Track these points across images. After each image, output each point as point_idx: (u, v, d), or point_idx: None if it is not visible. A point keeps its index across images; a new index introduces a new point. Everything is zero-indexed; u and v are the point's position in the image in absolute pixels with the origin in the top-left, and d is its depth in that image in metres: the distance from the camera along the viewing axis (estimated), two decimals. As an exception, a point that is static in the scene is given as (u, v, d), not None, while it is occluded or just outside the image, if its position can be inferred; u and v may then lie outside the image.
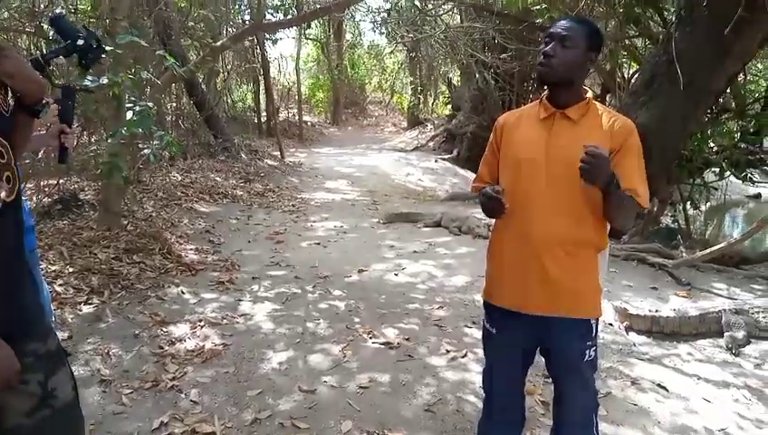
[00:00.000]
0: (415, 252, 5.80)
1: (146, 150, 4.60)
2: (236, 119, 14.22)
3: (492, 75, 12.50)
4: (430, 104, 20.90)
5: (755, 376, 3.42)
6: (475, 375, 3.15)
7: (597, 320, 1.99)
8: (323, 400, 2.97)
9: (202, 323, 3.82)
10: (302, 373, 3.23)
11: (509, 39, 10.28)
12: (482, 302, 2.14)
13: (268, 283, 4.68)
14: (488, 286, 2.10)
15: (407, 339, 3.72)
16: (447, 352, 3.57)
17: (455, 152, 13.86)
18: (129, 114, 4.18)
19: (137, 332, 3.62)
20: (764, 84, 7.78)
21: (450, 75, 17.07)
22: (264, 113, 15.23)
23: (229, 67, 14.68)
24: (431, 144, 15.39)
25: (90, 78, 3.96)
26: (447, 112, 16.91)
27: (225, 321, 3.89)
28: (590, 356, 1.96)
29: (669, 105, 5.62)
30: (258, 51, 13.56)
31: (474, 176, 2.24)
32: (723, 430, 2.87)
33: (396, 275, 5.03)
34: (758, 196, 12.93)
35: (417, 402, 2.99)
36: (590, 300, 1.95)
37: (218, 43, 7.33)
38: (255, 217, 7.01)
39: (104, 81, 4.13)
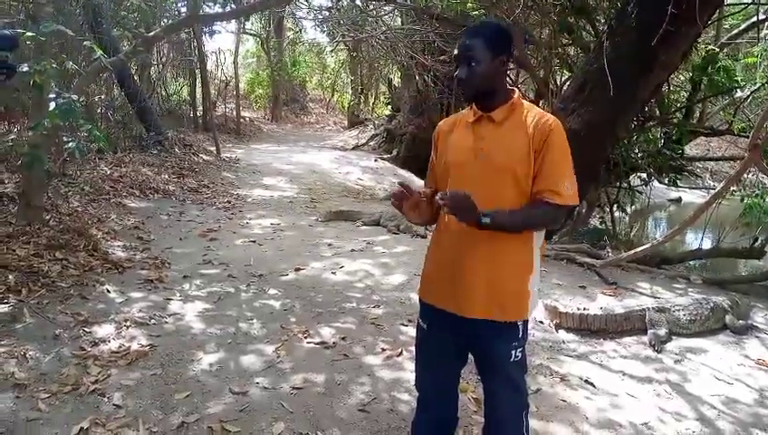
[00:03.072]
0: (353, 250, 5.76)
1: (71, 144, 4.36)
2: (171, 112, 13.78)
3: (431, 78, 12.64)
4: (371, 104, 20.95)
5: (676, 371, 3.58)
6: (410, 374, 3.16)
7: (524, 322, 1.99)
8: (255, 401, 2.90)
9: (128, 324, 3.65)
10: (233, 375, 3.15)
11: (448, 42, 10.41)
12: (418, 299, 2.15)
13: (200, 281, 4.53)
14: (421, 283, 2.13)
15: (342, 338, 3.69)
16: (383, 350, 3.57)
17: (394, 152, 13.94)
18: (53, 105, 3.95)
19: (57, 332, 3.43)
20: (685, 95, 8.18)
21: (390, 76, 17.14)
22: (200, 107, 14.82)
23: (164, 59, 14.22)
24: (371, 144, 15.41)
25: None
26: (387, 113, 16.97)
27: (152, 321, 3.74)
28: (516, 357, 1.96)
29: (599, 112, 5.82)
30: (195, 43, 13.20)
31: (410, 175, 2.26)
32: (645, 423, 2.99)
33: (333, 273, 4.98)
34: (679, 199, 13.68)
35: (351, 402, 2.97)
36: (515, 303, 1.94)
37: (151, 34, 7.04)
38: (188, 214, 6.79)
39: (25, 68, 3.89)
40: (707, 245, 7.39)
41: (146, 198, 7.16)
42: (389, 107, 16.85)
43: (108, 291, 4.16)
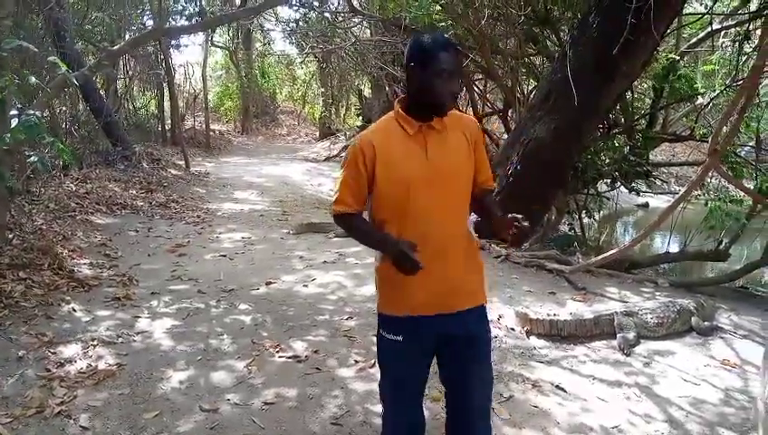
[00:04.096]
0: (325, 262, 5.74)
1: (33, 158, 4.27)
2: (139, 126, 13.59)
3: (401, 88, 12.72)
4: (342, 115, 20.96)
5: (644, 374, 3.64)
6: (383, 385, 3.15)
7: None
8: (226, 419, 2.86)
9: (95, 343, 3.58)
10: (203, 392, 3.10)
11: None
12: (382, 314, 2.09)
13: (168, 298, 4.47)
14: (392, 298, 2.05)
15: (315, 351, 3.67)
16: (356, 362, 3.56)
17: (366, 163, 13.95)
18: (15, 121, 3.86)
19: (20, 354, 3.35)
20: (649, 102, 8.37)
21: (361, 87, 17.20)
22: (168, 121, 14.65)
23: (131, 73, 14.04)
24: (343, 154, 15.40)
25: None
26: (359, 124, 17.01)
27: (120, 339, 3.67)
28: (490, 338, 2.15)
29: (564, 120, 5.92)
30: (162, 56, 13.07)
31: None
32: (616, 426, 3.02)
33: (305, 286, 4.95)
34: (646, 205, 13.94)
35: (323, 416, 2.95)
36: (482, 287, 2.12)
37: (116, 47, 6.97)
38: (156, 229, 6.69)
39: (-17, 84, 3.81)
40: (675, 248, 7.53)
41: (113, 215, 7.04)
42: (360, 118, 16.90)
43: (74, 310, 4.08)
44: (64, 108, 9.89)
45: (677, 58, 7.37)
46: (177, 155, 11.99)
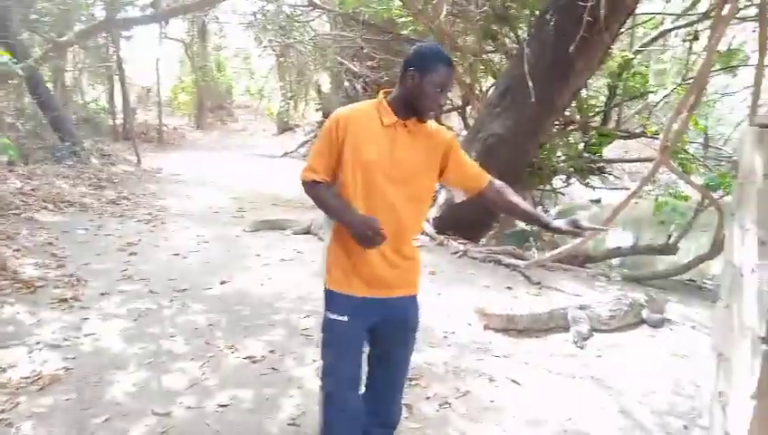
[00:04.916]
0: (282, 260, 5.66)
1: (-27, 154, 4.07)
2: (88, 121, 13.14)
3: (361, 84, 12.68)
4: (300, 110, 20.75)
5: (597, 366, 3.72)
6: (341, 384, 3.12)
7: None
8: (179, 422, 2.78)
9: (40, 346, 3.43)
10: (155, 395, 3.01)
11: (376, 49, 10.48)
12: (329, 292, 2.15)
13: (119, 298, 4.32)
14: (344, 277, 2.12)
15: (271, 351, 3.61)
16: (314, 361, 3.50)
17: (324, 159, 13.86)
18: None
19: (-42, 360, 3.19)
20: (603, 99, 8.56)
21: (319, 82, 17.07)
22: (119, 115, 14.22)
23: (80, 65, 13.59)
24: (301, 150, 15.28)
25: None
26: (317, 119, 16.89)
27: (67, 342, 3.52)
28: (418, 326, 2.30)
29: (521, 117, 6.00)
30: (113, 49, 12.67)
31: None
32: (569, 418, 3.07)
33: (262, 285, 4.86)
34: (599, 200, 14.29)
35: (280, 417, 2.90)
36: (418, 279, 2.27)
37: (63, 38, 6.70)
38: (106, 228, 6.47)
39: None
40: (627, 243, 7.73)
41: (60, 212, 6.78)
42: (319, 113, 16.78)
43: (18, 312, 3.90)
44: (9, 101, 9.49)
45: (631, 56, 7.56)
46: (129, 150, 11.63)
